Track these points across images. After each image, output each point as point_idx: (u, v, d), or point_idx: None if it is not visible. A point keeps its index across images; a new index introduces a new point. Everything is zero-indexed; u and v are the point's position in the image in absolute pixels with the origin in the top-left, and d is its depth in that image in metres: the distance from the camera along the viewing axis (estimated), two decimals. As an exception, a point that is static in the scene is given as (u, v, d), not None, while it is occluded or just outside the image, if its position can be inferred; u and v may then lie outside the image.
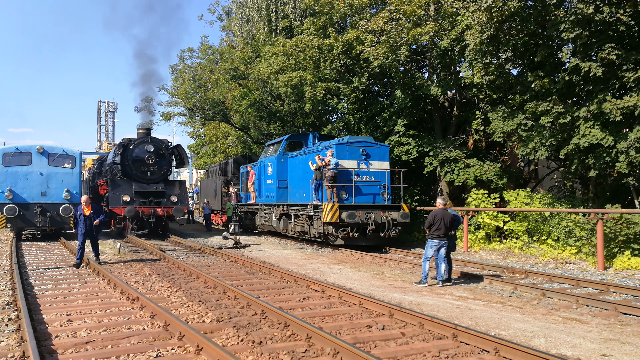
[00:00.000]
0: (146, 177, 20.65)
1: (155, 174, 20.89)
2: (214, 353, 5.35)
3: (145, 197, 20.29)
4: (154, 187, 20.55)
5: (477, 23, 14.64)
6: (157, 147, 21.08)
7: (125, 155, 20.62)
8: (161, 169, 21.14)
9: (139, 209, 19.47)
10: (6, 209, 17.90)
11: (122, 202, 19.64)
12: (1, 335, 6.36)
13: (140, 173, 20.57)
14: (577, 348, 6.01)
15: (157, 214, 19.76)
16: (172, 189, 21.09)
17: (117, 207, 19.58)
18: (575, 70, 13.53)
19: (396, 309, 7.28)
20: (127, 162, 20.56)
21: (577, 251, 13.97)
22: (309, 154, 17.56)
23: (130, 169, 20.53)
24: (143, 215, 19.49)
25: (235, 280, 10.49)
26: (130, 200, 19.81)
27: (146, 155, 20.62)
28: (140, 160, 20.61)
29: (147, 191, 20.39)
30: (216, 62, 34.88)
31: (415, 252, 15.20)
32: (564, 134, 14.20)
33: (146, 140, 21.15)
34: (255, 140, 32.87)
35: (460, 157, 18.30)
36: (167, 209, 20.02)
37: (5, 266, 12.42)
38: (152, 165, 20.76)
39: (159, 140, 21.69)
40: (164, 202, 20.39)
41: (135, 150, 20.74)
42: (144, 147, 20.82)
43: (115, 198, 19.77)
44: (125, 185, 20.23)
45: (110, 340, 6.11)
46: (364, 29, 18.97)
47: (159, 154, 21.03)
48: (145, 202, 20.07)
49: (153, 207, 19.89)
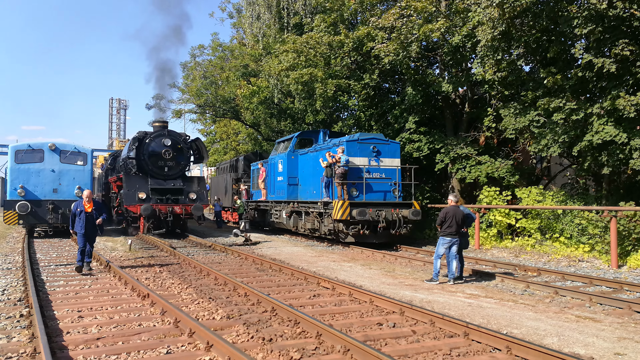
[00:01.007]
0: (163, 173, 19.57)
1: (173, 170, 19.78)
2: (224, 350, 5.35)
3: (162, 194, 19.21)
4: (171, 184, 19.48)
5: (489, 19, 14.52)
6: (174, 141, 19.90)
7: (141, 150, 19.45)
8: (179, 165, 19.99)
9: (155, 206, 18.30)
10: (19, 205, 18.05)
11: (137, 200, 18.52)
12: (13, 331, 6.40)
13: (156, 168, 19.48)
14: (590, 347, 5.95)
15: (175, 212, 18.60)
16: (191, 186, 19.94)
17: (133, 205, 18.46)
18: (589, 66, 13.37)
19: (407, 306, 7.25)
20: (143, 156, 19.43)
21: (590, 249, 13.84)
22: (319, 151, 17.54)
23: (146, 164, 19.42)
24: (160, 213, 18.32)
25: (245, 277, 10.51)
26: (147, 197, 18.70)
27: (163, 149, 19.48)
28: (157, 154, 19.46)
29: (164, 188, 19.31)
30: (227, 59, 35.00)
31: (427, 250, 15.14)
32: (577, 131, 14.05)
33: (163, 133, 19.92)
34: (266, 138, 32.92)
35: (471, 154, 18.19)
36: (186, 207, 18.84)
37: (18, 263, 12.54)
38: (169, 160, 19.59)
39: (177, 134, 20.49)
40: (182, 200, 19.30)
41: (152, 144, 19.57)
42: (161, 140, 19.66)
43: (130, 195, 18.67)
44: (140, 181, 19.14)
45: (121, 337, 6.13)
46: (374, 26, 18.89)
47: (177, 148, 19.86)
48: (162, 200, 19.02)
49: (170, 205, 18.75)
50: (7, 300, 8.20)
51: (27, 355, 5.49)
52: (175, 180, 19.66)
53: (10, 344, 5.87)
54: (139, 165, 19.53)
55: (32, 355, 5.47)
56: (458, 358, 5.53)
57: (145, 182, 19.10)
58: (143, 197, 18.56)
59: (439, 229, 10.45)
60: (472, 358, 5.53)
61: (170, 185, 19.42)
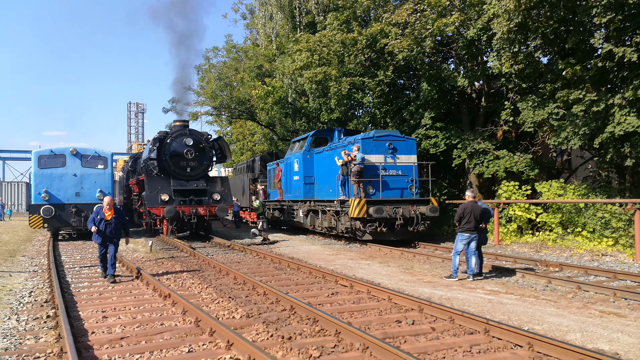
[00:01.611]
0: (185, 174, 18.87)
1: (196, 170, 19.07)
2: (244, 348, 5.38)
3: (185, 195, 18.58)
4: (194, 185, 18.80)
5: (505, 11, 14.31)
6: (196, 140, 19.19)
7: (162, 150, 18.78)
8: (201, 165, 19.26)
9: (179, 208, 17.68)
10: (43, 209, 18.36)
11: (160, 202, 17.93)
12: (40, 332, 6.53)
13: (178, 169, 18.81)
14: (615, 342, 5.82)
15: (199, 213, 17.97)
16: (214, 186, 19.27)
17: (155, 207, 17.92)
18: (609, 56, 13.10)
19: (426, 303, 7.19)
20: (164, 157, 18.73)
21: (614, 243, 13.57)
22: (334, 149, 17.49)
23: (168, 164, 18.75)
24: (184, 215, 17.74)
25: (264, 276, 10.54)
26: (169, 199, 18.07)
27: (185, 149, 18.75)
28: (179, 155, 18.75)
29: (187, 189, 18.65)
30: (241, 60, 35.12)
31: (445, 247, 15.00)
32: (597, 122, 13.77)
33: (184, 132, 19.23)
34: (281, 137, 32.98)
35: (489, 149, 17.98)
36: (210, 208, 18.18)
37: (43, 265, 12.79)
38: (191, 160, 18.89)
39: (199, 133, 19.90)
40: (205, 201, 18.63)
41: (173, 144, 18.87)
42: (182, 140, 18.94)
43: (153, 197, 18.10)
44: (162, 183, 18.56)
45: (144, 336, 6.23)
46: (387, 22, 18.76)
47: (199, 147, 19.15)
48: (186, 201, 18.36)
49: (194, 206, 18.12)
50: (34, 301, 8.38)
51: (54, 355, 5.60)
52: (198, 181, 19.05)
53: (38, 345, 6.02)
54: (160, 166, 19.00)
55: (59, 355, 5.58)
56: (478, 355, 5.45)
57: (167, 184, 18.59)
58: (165, 198, 18.02)
59: (457, 225, 10.34)
60: (492, 355, 5.45)
61: (193, 186, 18.82)
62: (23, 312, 7.68)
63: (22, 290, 9.46)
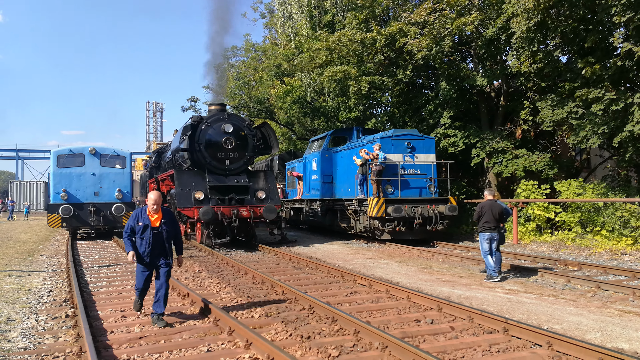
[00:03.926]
0: (224, 167, 15.85)
1: (236, 163, 16.00)
2: (263, 347, 5.39)
3: (224, 193, 15.56)
4: (234, 180, 15.79)
5: (524, 10, 14.28)
6: (237, 127, 15.98)
7: (195, 139, 15.64)
8: (243, 156, 16.13)
9: (216, 209, 14.66)
10: (62, 209, 18.39)
11: (194, 201, 14.99)
12: (59, 332, 6.54)
13: (216, 162, 15.75)
14: (635, 341, 5.84)
15: (241, 215, 14.98)
16: (258, 182, 16.31)
17: (188, 207, 15.06)
18: (628, 55, 13.01)
19: (445, 302, 7.23)
20: (198, 147, 15.63)
21: (634, 242, 13.46)
22: (353, 148, 17.57)
23: (203, 156, 15.66)
24: (223, 217, 14.68)
25: (282, 275, 10.61)
26: (205, 198, 15.11)
27: (223, 137, 15.66)
28: (216, 144, 15.66)
29: (226, 185, 15.67)
30: (260, 59, 35.32)
31: (464, 246, 15.01)
32: (617, 121, 13.69)
33: (222, 117, 15.99)
34: (300, 137, 33.12)
35: (508, 148, 17.91)
36: (254, 209, 15.15)
37: (62, 264, 12.83)
38: (231, 150, 15.81)
39: (240, 118, 16.91)
40: (248, 200, 15.62)
41: (209, 131, 15.72)
42: (220, 126, 15.74)
43: (185, 196, 15.15)
44: (196, 178, 15.60)
45: (163, 336, 6.22)
46: (406, 21, 18.78)
47: (240, 135, 15.96)
48: (225, 201, 15.35)
49: (235, 206, 15.09)
50: (53, 301, 8.38)
51: (74, 354, 5.58)
52: (239, 176, 15.98)
53: (57, 344, 6.02)
54: (193, 159, 15.92)
55: (78, 354, 5.56)
56: (498, 354, 5.50)
57: (202, 179, 15.58)
58: (200, 197, 15.03)
59: (477, 224, 10.36)
60: (512, 354, 5.49)
61: (233, 182, 15.78)
62: (42, 311, 7.65)
63: (41, 289, 9.44)
